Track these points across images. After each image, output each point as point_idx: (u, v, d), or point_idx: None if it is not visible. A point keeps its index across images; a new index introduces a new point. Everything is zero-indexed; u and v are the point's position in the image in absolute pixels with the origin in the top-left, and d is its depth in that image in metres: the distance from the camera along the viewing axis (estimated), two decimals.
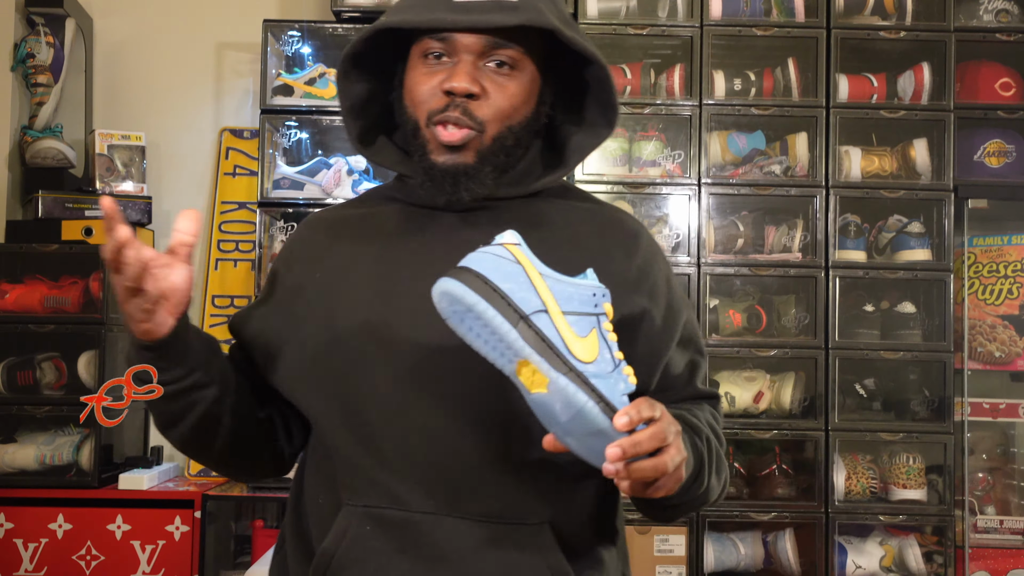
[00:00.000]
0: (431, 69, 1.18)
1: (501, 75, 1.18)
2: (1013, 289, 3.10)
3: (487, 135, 1.18)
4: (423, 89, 1.18)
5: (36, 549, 2.88)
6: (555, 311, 0.98)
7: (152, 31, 3.47)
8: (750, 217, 3.09)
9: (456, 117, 1.16)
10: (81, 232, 3.05)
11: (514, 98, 1.19)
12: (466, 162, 1.17)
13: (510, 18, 1.14)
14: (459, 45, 1.16)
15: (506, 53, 1.17)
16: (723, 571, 2.95)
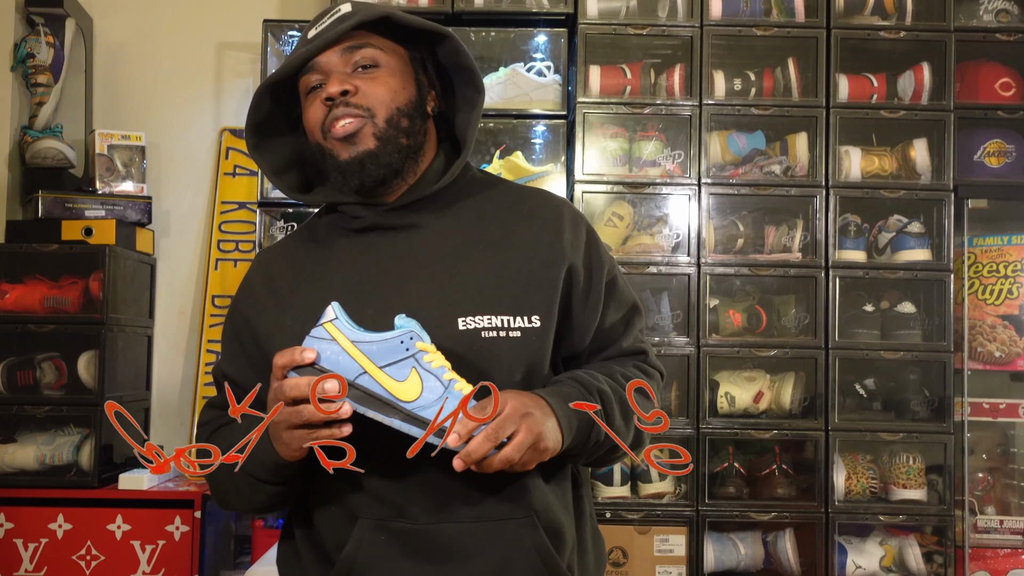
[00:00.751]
0: (313, 98, 1.34)
1: (368, 75, 1.33)
2: (1013, 289, 3.10)
3: (378, 118, 1.31)
4: (311, 113, 1.33)
5: (36, 549, 2.88)
6: (372, 369, 1.18)
7: (152, 31, 3.47)
8: (750, 217, 3.09)
9: (341, 112, 1.30)
10: (81, 232, 3.05)
11: (388, 85, 1.33)
12: (368, 148, 1.31)
13: (346, 24, 1.31)
14: (324, 66, 1.32)
15: (363, 55, 1.33)
16: (723, 571, 2.95)
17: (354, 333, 1.19)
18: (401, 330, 1.19)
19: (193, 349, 3.37)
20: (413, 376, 1.18)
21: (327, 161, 1.33)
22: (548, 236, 1.36)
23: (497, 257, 1.34)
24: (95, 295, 3.02)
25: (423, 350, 1.19)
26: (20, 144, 3.21)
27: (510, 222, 1.37)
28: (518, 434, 1.17)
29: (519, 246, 1.35)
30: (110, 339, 3.01)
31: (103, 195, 3.18)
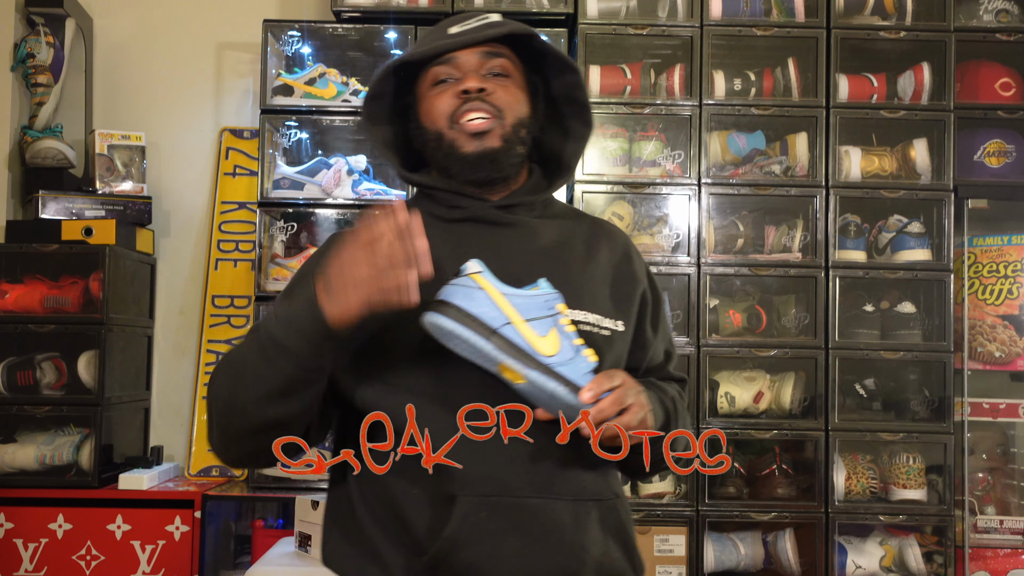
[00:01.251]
0: (442, 89, 1.41)
1: (500, 81, 1.41)
2: (1013, 289, 3.10)
3: (506, 121, 1.40)
4: (439, 102, 1.40)
5: (36, 549, 2.88)
6: (518, 320, 1.24)
7: (152, 31, 3.47)
8: (750, 217, 3.09)
9: (476, 105, 1.38)
10: (81, 232, 3.05)
11: (515, 95, 1.42)
12: (493, 146, 1.39)
13: (498, 31, 1.40)
14: (461, 63, 1.40)
15: (498, 63, 1.42)
16: (723, 571, 2.95)
17: (501, 286, 1.26)
18: (546, 290, 1.28)
19: (193, 349, 3.37)
20: (553, 334, 1.25)
21: (447, 150, 1.40)
22: (624, 259, 1.49)
23: (587, 267, 1.44)
24: (95, 295, 3.02)
25: (562, 312, 1.28)
26: (20, 144, 3.21)
27: (591, 240, 1.48)
28: (634, 406, 1.27)
29: (602, 261, 1.46)
30: (110, 339, 3.01)
31: (103, 195, 3.18)
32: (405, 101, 1.47)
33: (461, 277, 1.26)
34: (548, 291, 1.28)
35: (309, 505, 2.53)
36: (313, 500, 2.52)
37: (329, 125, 3.18)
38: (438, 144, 1.41)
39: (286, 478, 3.01)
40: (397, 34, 3.10)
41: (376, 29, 3.12)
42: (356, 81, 3.12)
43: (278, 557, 2.56)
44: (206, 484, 3.09)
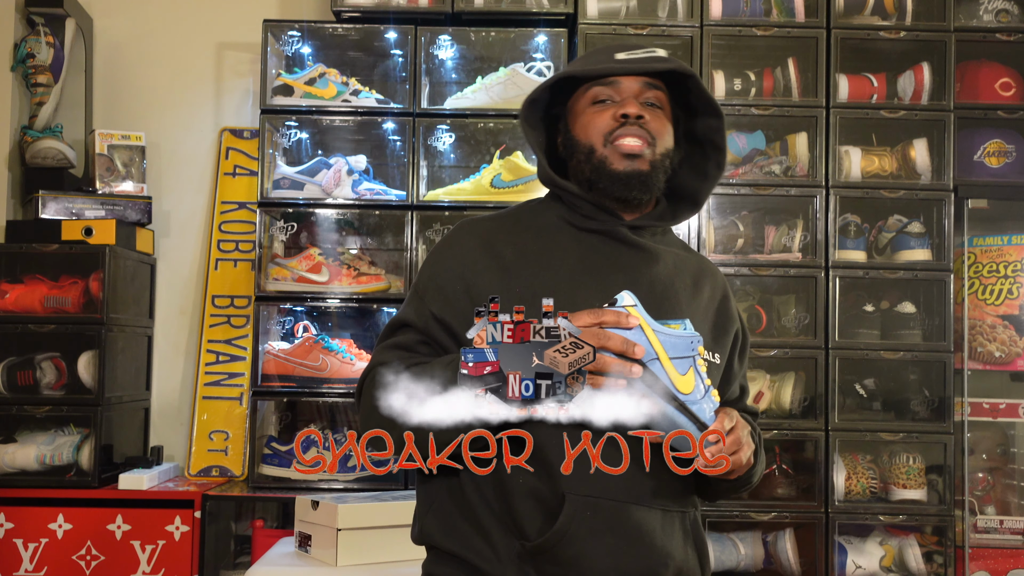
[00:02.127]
0: (601, 108, 1.51)
1: (653, 111, 1.52)
2: (1013, 289, 3.10)
3: (657, 149, 1.50)
4: (598, 120, 1.50)
5: (36, 549, 2.88)
6: (664, 358, 1.32)
7: (152, 31, 3.47)
8: (750, 217, 3.09)
9: (634, 130, 1.49)
10: (81, 232, 3.05)
11: (665, 127, 1.53)
12: (642, 169, 1.49)
13: (664, 65, 1.51)
14: (623, 88, 1.51)
15: (655, 95, 1.52)
16: (723, 571, 2.95)
17: (653, 323, 1.33)
18: (690, 332, 1.36)
19: (193, 349, 3.37)
20: (691, 373, 1.34)
21: (597, 165, 1.50)
22: (724, 298, 1.61)
23: (694, 298, 1.55)
24: (95, 295, 3.02)
25: (700, 354, 1.36)
26: (20, 144, 3.21)
27: (698, 276, 1.59)
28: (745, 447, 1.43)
29: (705, 296, 1.57)
30: (110, 339, 3.01)
31: (103, 195, 3.18)
32: (554, 111, 1.58)
33: (616, 308, 1.32)
34: (692, 333, 1.35)
35: (309, 505, 2.53)
36: (313, 500, 2.52)
37: (329, 125, 3.18)
38: (588, 158, 1.50)
39: (286, 478, 3.01)
40: (397, 34, 3.10)
41: (376, 29, 3.12)
42: (356, 81, 3.12)
43: (278, 557, 2.56)
44: (206, 484, 3.09)
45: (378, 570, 2.32)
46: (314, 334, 3.12)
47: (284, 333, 3.19)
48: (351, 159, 3.09)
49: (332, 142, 3.30)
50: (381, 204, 3.06)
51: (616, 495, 1.43)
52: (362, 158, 3.12)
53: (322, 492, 2.88)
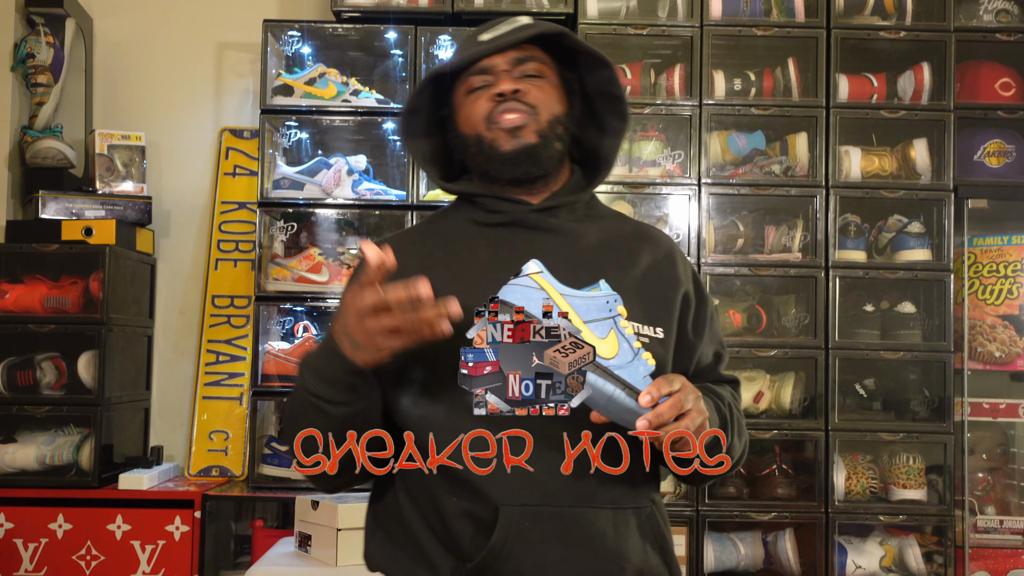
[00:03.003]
0: (477, 95, 1.43)
1: (533, 82, 1.43)
2: (1013, 289, 3.10)
3: (541, 118, 1.41)
4: (476, 107, 1.42)
5: (36, 549, 2.88)
6: (578, 321, 1.23)
7: (152, 31, 3.47)
8: (750, 217, 3.09)
9: (511, 106, 1.40)
10: (81, 232, 3.05)
11: (548, 93, 1.44)
12: (530, 142, 1.40)
13: (527, 32, 1.43)
14: (494, 68, 1.43)
15: (531, 66, 1.44)
16: (723, 571, 2.95)
17: (560, 286, 1.25)
18: (606, 291, 1.27)
19: (193, 349, 3.37)
20: (612, 336, 1.24)
21: (487, 152, 1.42)
22: (666, 263, 1.48)
23: (626, 271, 1.43)
24: (95, 295, 3.02)
25: (621, 315, 1.26)
26: (20, 144, 3.21)
27: (634, 244, 1.48)
28: (692, 411, 1.25)
29: (643, 266, 1.45)
30: (110, 339, 3.01)
31: (103, 195, 3.18)
32: (442, 114, 1.50)
33: (521, 277, 1.26)
34: (608, 292, 1.28)
35: (309, 505, 2.53)
36: (313, 500, 2.52)
37: (329, 125, 3.18)
38: (478, 147, 1.43)
39: (286, 478, 3.01)
40: (397, 34, 3.10)
41: (376, 29, 3.12)
42: (356, 81, 3.12)
43: (278, 557, 2.56)
44: (206, 484, 3.09)
45: None
46: (314, 334, 3.13)
47: (284, 333, 3.19)
48: (351, 159, 3.09)
49: (332, 142, 3.30)
50: (381, 204, 3.06)
51: (556, 500, 1.33)
52: (362, 158, 3.12)
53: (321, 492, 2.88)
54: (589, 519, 1.33)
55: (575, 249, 1.43)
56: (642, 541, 1.38)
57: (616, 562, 1.34)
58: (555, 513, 1.32)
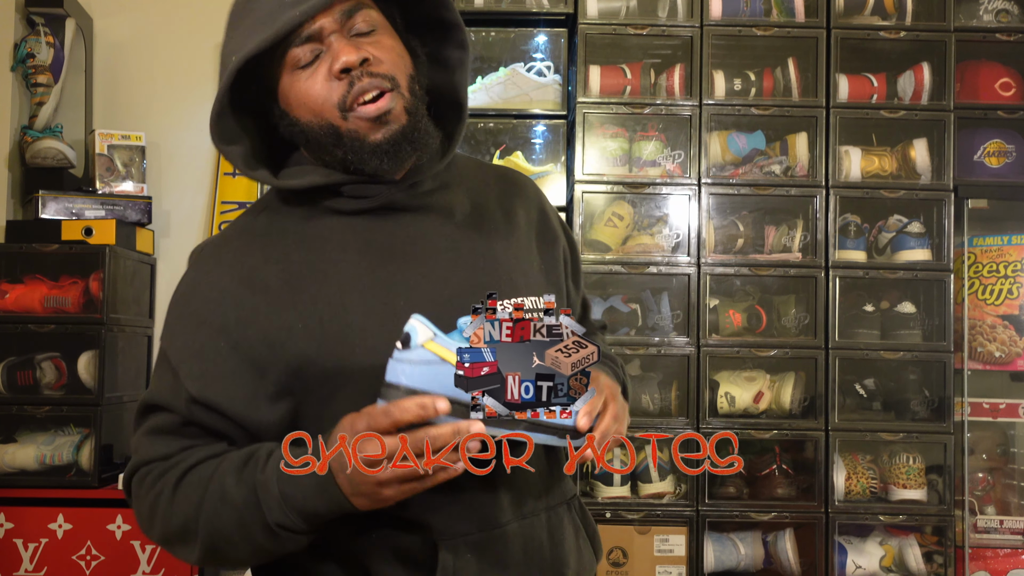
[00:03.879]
0: (311, 72, 1.17)
1: (372, 40, 1.17)
2: (1013, 289, 3.10)
3: (402, 88, 1.17)
4: (317, 91, 1.16)
5: (36, 549, 2.88)
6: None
7: (152, 31, 3.47)
8: (750, 217, 3.09)
9: (368, 83, 1.14)
10: (81, 232, 3.05)
11: (394, 50, 1.18)
12: (401, 124, 1.17)
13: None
14: (321, 31, 1.15)
15: (361, 18, 1.17)
16: (723, 571, 2.95)
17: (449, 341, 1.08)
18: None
19: None
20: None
21: (349, 145, 1.16)
22: (538, 214, 1.35)
23: (510, 238, 1.28)
24: (95, 295, 3.02)
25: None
26: (20, 144, 3.21)
27: (505, 200, 1.32)
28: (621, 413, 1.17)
29: (521, 225, 1.31)
30: (110, 339, 3.01)
31: (103, 195, 3.18)
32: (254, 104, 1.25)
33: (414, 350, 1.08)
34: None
35: None
36: None
37: None
38: (335, 140, 1.16)
39: None
40: None
41: None
42: None
43: None
44: None
45: None
46: None
47: None
48: None
49: None
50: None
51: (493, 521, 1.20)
52: None
53: None
54: (526, 532, 1.23)
55: (451, 224, 1.24)
56: (576, 538, 1.30)
57: (558, 570, 1.25)
58: (494, 537, 1.20)
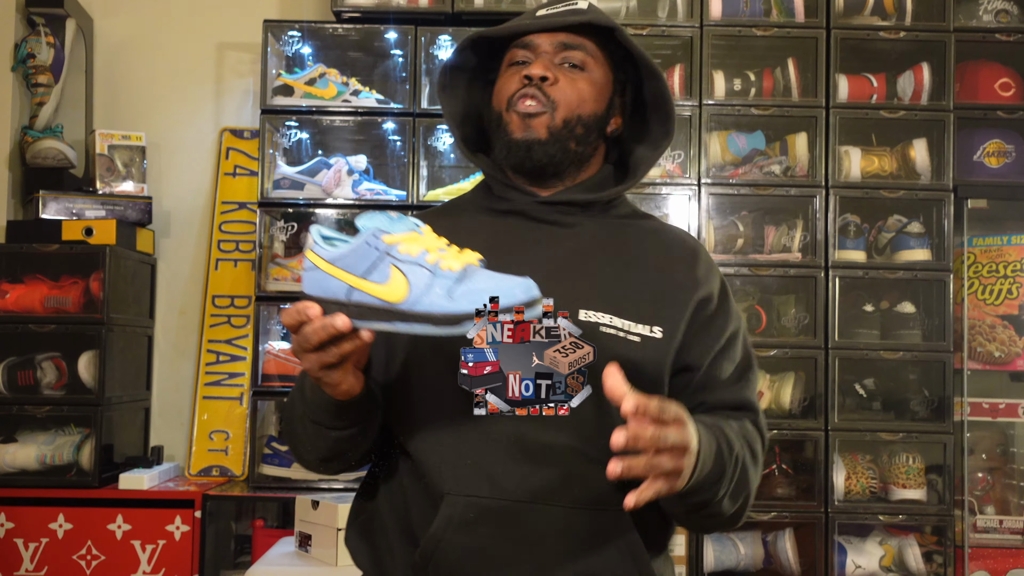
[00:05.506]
0: (516, 71, 1.38)
1: (572, 73, 1.37)
2: (1013, 289, 3.11)
3: (557, 116, 1.34)
4: (506, 83, 1.38)
5: (36, 549, 2.89)
6: (356, 281, 1.13)
7: (152, 31, 3.47)
8: (750, 217, 3.09)
9: (532, 92, 1.34)
10: (81, 232, 3.05)
11: (583, 92, 1.36)
12: (538, 136, 1.34)
13: (577, 18, 1.36)
14: (537, 47, 1.37)
15: (576, 55, 1.37)
16: (723, 571, 2.95)
17: (329, 252, 1.15)
18: (365, 232, 1.15)
19: (193, 349, 3.37)
20: (395, 274, 1.13)
21: (500, 132, 1.37)
22: (683, 266, 1.39)
23: (629, 271, 1.36)
24: (95, 295, 3.02)
25: (392, 243, 1.15)
26: (20, 144, 3.21)
27: (647, 246, 1.41)
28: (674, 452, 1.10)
29: (652, 267, 1.37)
30: (110, 339, 3.01)
31: (103, 195, 3.19)
32: (491, 78, 1.44)
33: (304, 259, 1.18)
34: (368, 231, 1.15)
35: (309, 505, 2.53)
36: (313, 500, 2.52)
37: (329, 125, 3.18)
38: (498, 125, 1.38)
39: (286, 478, 3.01)
40: (397, 34, 3.11)
41: (376, 29, 3.12)
42: (356, 81, 3.12)
43: (278, 557, 2.57)
44: (206, 484, 3.09)
45: None
46: None
47: (284, 333, 3.20)
48: (351, 159, 3.09)
49: (332, 142, 3.31)
50: (381, 204, 3.06)
51: (508, 494, 1.24)
52: (362, 158, 3.12)
53: (322, 492, 2.88)
54: (543, 517, 1.24)
55: (571, 244, 1.36)
56: (604, 545, 1.26)
57: (569, 565, 1.25)
58: (505, 507, 1.24)
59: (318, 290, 1.14)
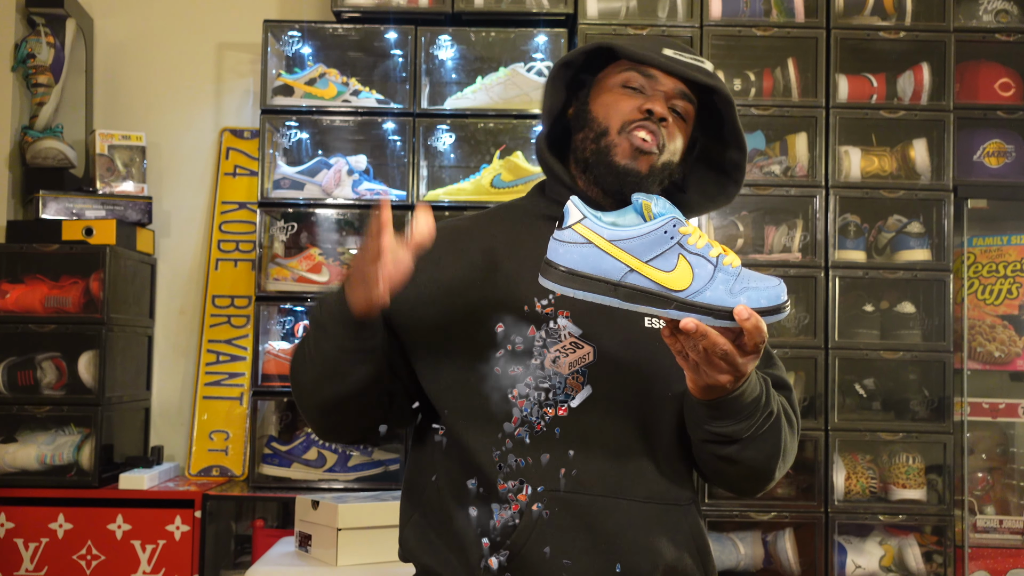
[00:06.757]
0: (630, 95, 1.42)
1: (678, 122, 1.44)
2: (1013, 289, 3.11)
3: (661, 158, 1.42)
4: (623, 104, 1.41)
5: (36, 549, 2.89)
6: (639, 265, 1.13)
7: (152, 31, 3.47)
8: (750, 217, 3.09)
9: (653, 129, 1.40)
10: (81, 232, 3.05)
11: (679, 140, 1.45)
12: (640, 170, 1.40)
13: (706, 79, 1.41)
14: (659, 85, 1.42)
15: (684, 105, 1.44)
16: (723, 571, 2.95)
17: (609, 231, 1.14)
18: (662, 219, 1.15)
19: (193, 349, 3.37)
20: (682, 263, 1.14)
21: (602, 150, 1.41)
22: None
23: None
24: (95, 295, 3.02)
25: (685, 234, 1.15)
26: (21, 144, 3.21)
27: None
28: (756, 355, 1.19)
29: None
30: (110, 339, 3.01)
31: (103, 195, 3.19)
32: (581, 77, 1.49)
33: (563, 230, 1.15)
34: (665, 218, 1.15)
35: (309, 505, 2.53)
36: (313, 500, 2.52)
37: (329, 125, 3.18)
38: (597, 138, 1.42)
39: (286, 478, 3.01)
40: (397, 34, 3.11)
41: (376, 29, 3.12)
42: (356, 81, 3.12)
43: (278, 557, 2.57)
44: (206, 484, 3.09)
45: (378, 570, 2.32)
46: None
47: (284, 333, 3.20)
48: (351, 159, 3.09)
49: (332, 142, 3.31)
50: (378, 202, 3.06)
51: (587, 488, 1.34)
52: (362, 158, 3.13)
53: (322, 492, 2.88)
54: (619, 510, 1.33)
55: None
56: (676, 539, 1.37)
57: (647, 556, 1.33)
58: (585, 502, 1.33)
59: (585, 265, 1.13)
